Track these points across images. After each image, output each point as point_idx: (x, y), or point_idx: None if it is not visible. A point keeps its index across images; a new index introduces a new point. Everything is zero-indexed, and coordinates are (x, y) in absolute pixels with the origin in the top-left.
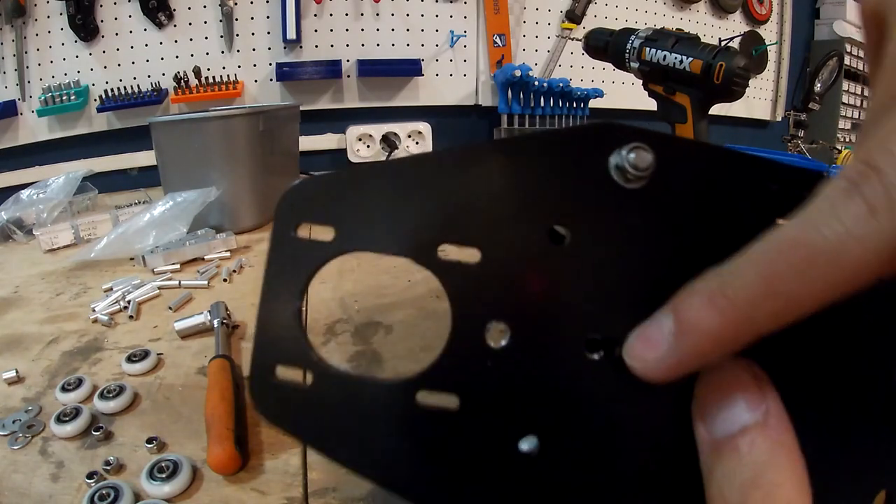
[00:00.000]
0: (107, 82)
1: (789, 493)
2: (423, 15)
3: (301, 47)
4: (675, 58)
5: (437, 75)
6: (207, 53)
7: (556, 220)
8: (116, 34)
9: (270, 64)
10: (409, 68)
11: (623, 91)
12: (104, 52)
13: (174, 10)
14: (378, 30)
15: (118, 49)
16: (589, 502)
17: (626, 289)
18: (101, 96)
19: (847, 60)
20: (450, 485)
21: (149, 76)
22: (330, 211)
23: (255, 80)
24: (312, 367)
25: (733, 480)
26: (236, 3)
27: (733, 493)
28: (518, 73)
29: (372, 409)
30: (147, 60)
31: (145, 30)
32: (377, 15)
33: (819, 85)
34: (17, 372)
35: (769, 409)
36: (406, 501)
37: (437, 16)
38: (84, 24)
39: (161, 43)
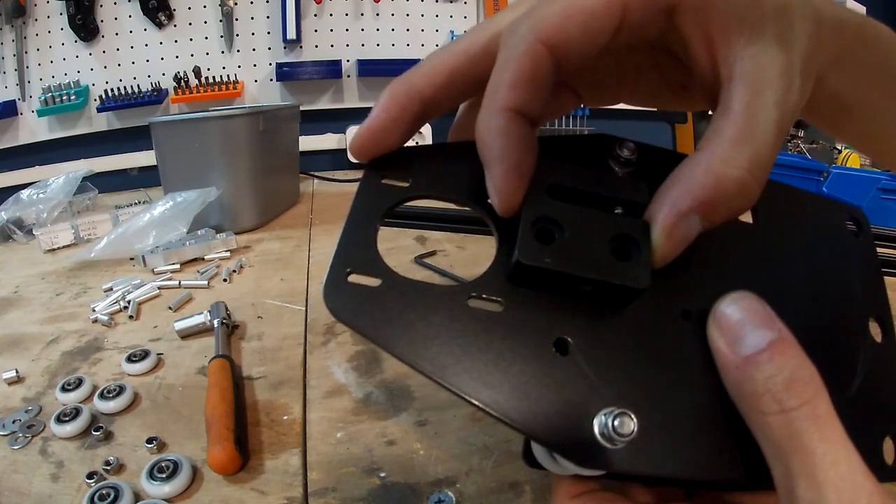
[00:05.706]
0: (107, 82)
1: (819, 380)
2: (423, 15)
3: (301, 47)
4: None
5: None
6: (207, 53)
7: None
8: (116, 34)
9: (270, 64)
10: (410, 68)
11: None
12: (104, 52)
13: (174, 10)
14: (378, 30)
15: (118, 49)
16: (607, 401)
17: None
18: (101, 96)
19: None
20: (489, 378)
21: (149, 76)
22: (407, 169)
23: (255, 80)
24: (382, 273)
25: (775, 379)
26: (236, 3)
27: (778, 387)
28: None
29: (429, 309)
30: (147, 60)
31: (145, 30)
32: (377, 15)
33: None
34: (17, 372)
35: (781, 328)
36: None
37: (437, 16)
38: (84, 24)
39: (161, 43)
